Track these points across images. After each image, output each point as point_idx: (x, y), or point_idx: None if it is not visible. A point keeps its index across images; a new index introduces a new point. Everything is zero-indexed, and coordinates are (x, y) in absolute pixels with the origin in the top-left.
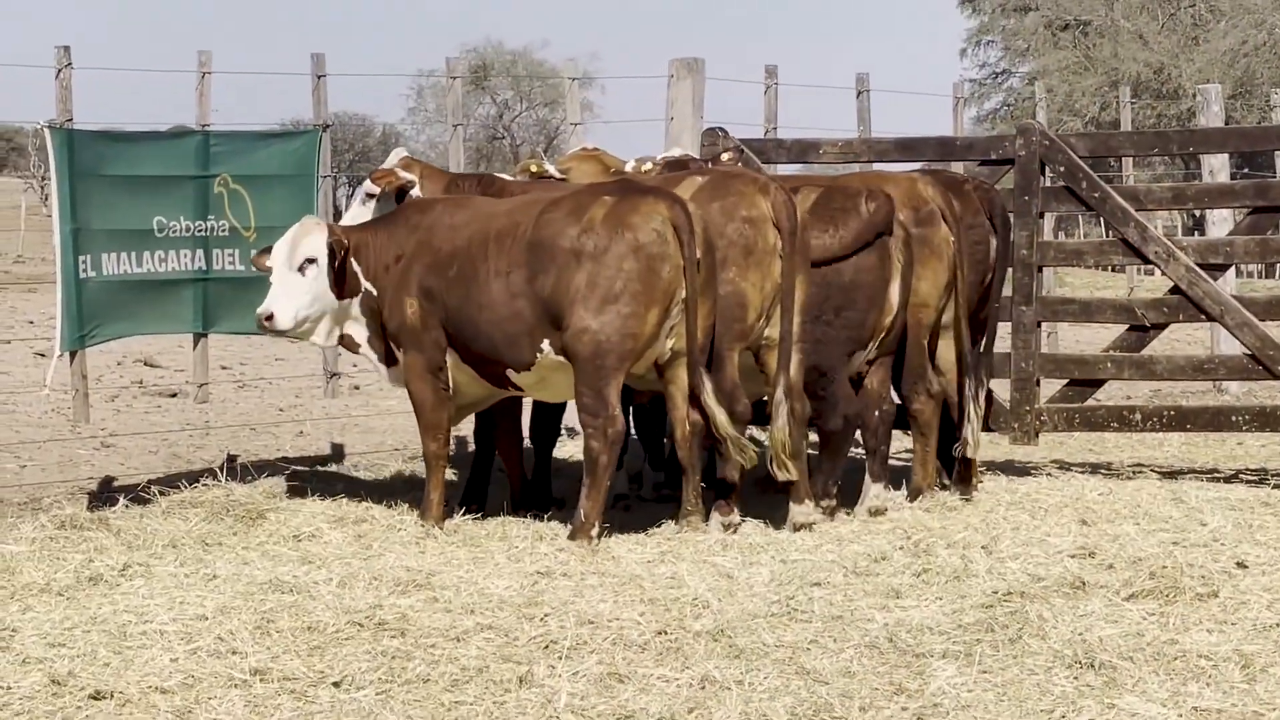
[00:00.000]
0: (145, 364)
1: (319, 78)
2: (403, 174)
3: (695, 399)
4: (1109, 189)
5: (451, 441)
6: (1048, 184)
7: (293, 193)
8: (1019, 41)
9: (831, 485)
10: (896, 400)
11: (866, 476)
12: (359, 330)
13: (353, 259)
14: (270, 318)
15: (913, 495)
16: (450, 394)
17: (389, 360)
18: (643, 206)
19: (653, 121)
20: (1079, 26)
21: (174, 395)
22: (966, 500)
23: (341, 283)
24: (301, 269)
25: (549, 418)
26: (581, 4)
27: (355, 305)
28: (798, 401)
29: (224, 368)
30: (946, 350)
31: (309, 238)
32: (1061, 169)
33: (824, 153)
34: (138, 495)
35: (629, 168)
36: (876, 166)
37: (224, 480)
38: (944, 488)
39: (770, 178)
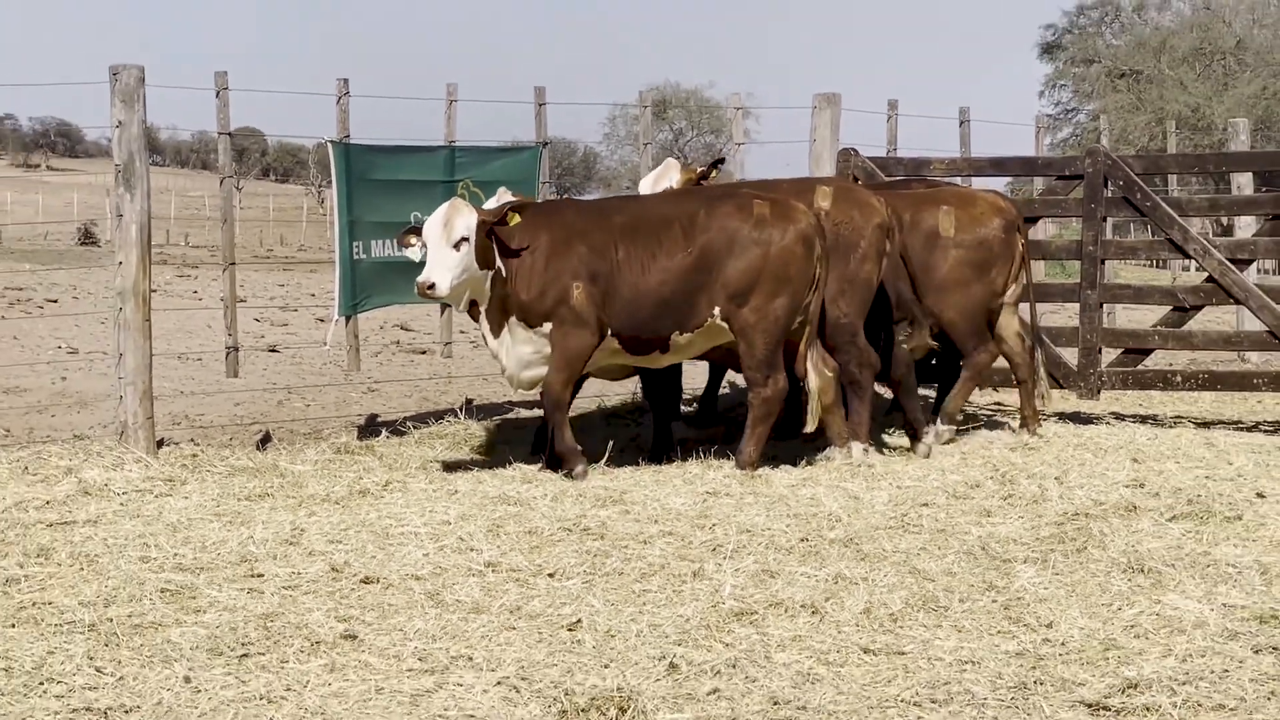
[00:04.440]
0: (401, 328)
1: (540, 105)
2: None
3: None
4: (1158, 199)
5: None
6: (1109, 195)
7: (519, 196)
8: (1085, 86)
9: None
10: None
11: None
12: (482, 299)
13: (492, 239)
14: (432, 286)
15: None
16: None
17: (497, 331)
18: (795, 213)
19: (798, 143)
20: (1133, 75)
21: (424, 352)
22: (1043, 441)
23: (486, 258)
24: (457, 245)
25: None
26: (741, 52)
27: (488, 278)
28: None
29: (463, 331)
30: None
31: (460, 218)
32: (1121, 183)
33: (934, 167)
34: (396, 429)
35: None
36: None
37: (463, 418)
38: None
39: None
